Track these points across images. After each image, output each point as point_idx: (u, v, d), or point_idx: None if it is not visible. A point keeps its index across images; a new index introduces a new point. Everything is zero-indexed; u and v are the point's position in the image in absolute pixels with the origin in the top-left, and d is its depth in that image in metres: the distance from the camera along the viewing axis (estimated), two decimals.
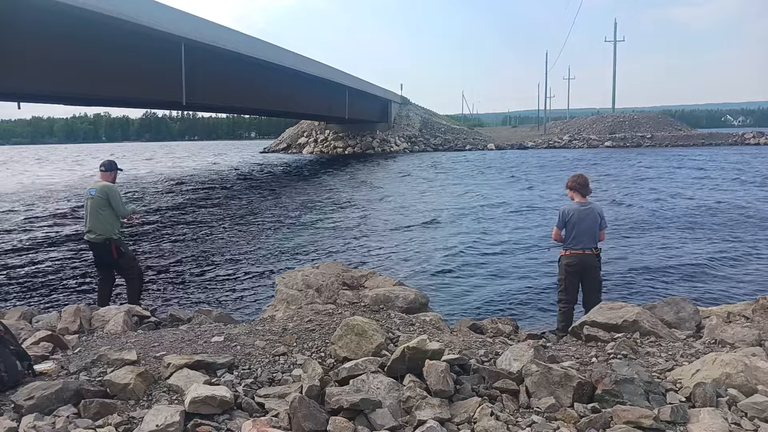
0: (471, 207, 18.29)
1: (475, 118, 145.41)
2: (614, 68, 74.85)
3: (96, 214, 6.59)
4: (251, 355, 3.86)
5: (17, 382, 3.39)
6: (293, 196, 22.24)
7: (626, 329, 4.58)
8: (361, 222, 15.59)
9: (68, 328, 4.93)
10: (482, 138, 66.61)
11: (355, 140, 58.91)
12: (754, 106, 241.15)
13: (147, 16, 19.47)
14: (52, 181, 32.81)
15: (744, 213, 15.49)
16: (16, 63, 16.10)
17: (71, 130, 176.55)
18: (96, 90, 20.00)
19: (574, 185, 5.98)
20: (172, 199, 21.97)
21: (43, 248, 12.49)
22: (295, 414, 2.98)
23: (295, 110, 40.77)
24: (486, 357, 3.89)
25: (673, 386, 3.42)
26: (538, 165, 36.18)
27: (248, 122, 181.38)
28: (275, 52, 30.72)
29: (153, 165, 48.93)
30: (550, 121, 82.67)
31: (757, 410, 3.04)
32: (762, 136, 56.44)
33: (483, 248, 11.81)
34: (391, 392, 3.23)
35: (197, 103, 27.26)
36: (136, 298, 6.93)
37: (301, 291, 5.73)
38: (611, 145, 57.27)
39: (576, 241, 5.80)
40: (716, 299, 7.87)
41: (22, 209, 19.58)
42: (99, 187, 6.76)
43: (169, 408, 3.02)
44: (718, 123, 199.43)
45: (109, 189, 6.80)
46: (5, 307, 6.79)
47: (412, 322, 4.72)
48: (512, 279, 9.31)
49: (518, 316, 7.14)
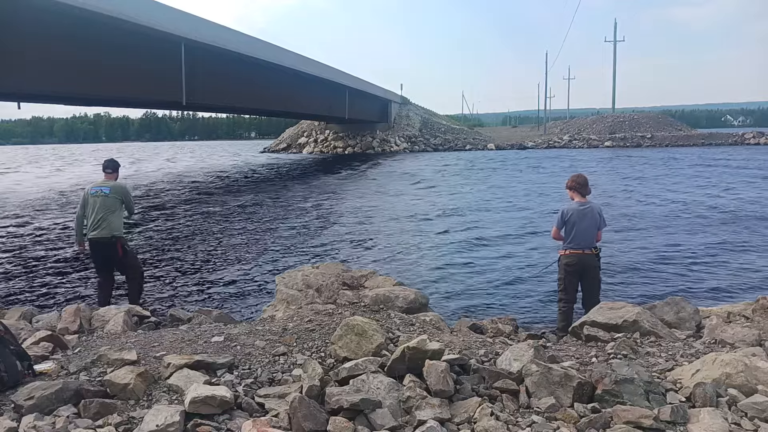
0: (471, 207, 18.29)
1: (475, 118, 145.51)
2: (614, 68, 74.95)
3: (106, 213, 6.59)
4: (251, 355, 3.86)
5: (17, 382, 3.39)
6: (293, 196, 22.24)
7: (626, 329, 4.58)
8: (361, 222, 15.60)
9: (68, 328, 4.94)
10: (482, 138, 66.62)
11: (355, 140, 58.92)
12: (754, 106, 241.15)
13: (147, 16, 19.48)
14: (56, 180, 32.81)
15: (744, 212, 15.48)
16: (16, 63, 16.10)
17: (71, 130, 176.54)
18: (96, 90, 20.01)
19: (574, 185, 6.00)
20: (171, 200, 21.98)
21: (43, 248, 12.48)
22: (295, 414, 2.98)
23: (295, 110, 40.78)
24: (486, 357, 3.89)
25: (673, 386, 3.42)
26: (540, 165, 36.17)
27: (248, 122, 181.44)
28: (275, 52, 30.72)
29: (180, 164, 49.12)
30: (550, 121, 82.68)
31: (757, 410, 3.04)
32: (762, 136, 56.46)
33: (483, 248, 11.81)
34: (391, 392, 3.23)
35: (197, 103, 27.27)
36: (137, 297, 6.93)
37: (301, 291, 5.73)
38: (611, 145, 57.29)
39: (575, 241, 5.81)
40: (716, 299, 7.87)
41: (22, 209, 19.58)
42: (112, 186, 6.75)
43: (169, 408, 3.02)
44: (718, 123, 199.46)
45: (124, 189, 6.84)
46: (5, 307, 6.78)
47: (412, 322, 4.72)
48: (512, 279, 9.30)
49: (518, 316, 7.13)
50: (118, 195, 6.69)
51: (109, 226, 6.57)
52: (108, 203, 6.61)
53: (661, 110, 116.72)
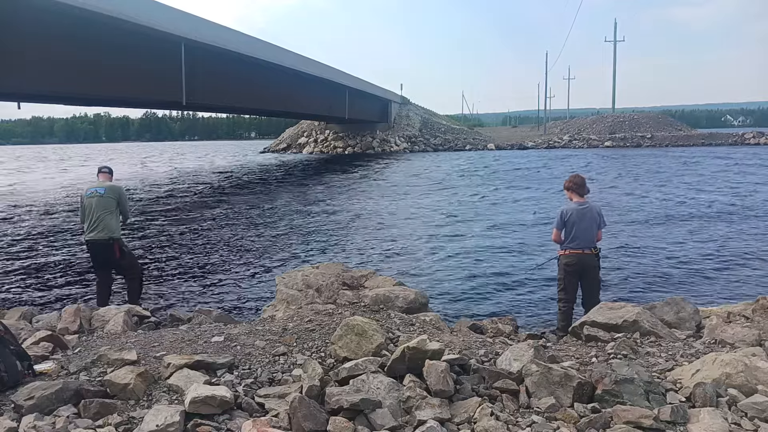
0: (472, 207, 18.29)
1: (475, 118, 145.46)
2: (614, 68, 74.91)
3: (102, 213, 6.57)
4: (251, 355, 3.86)
5: (17, 382, 3.39)
6: (293, 196, 22.23)
7: (626, 329, 4.58)
8: (361, 222, 15.60)
9: (68, 328, 4.94)
10: (482, 138, 66.61)
11: (355, 140, 58.91)
12: (754, 106, 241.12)
13: (147, 16, 19.47)
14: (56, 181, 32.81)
15: (744, 212, 15.48)
16: (16, 63, 16.10)
17: (71, 130, 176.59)
18: (96, 90, 20.01)
19: (571, 186, 6.04)
20: (172, 199, 21.97)
21: (43, 248, 12.49)
22: (295, 414, 2.98)
23: (295, 110, 40.77)
24: (486, 357, 3.89)
25: (673, 386, 3.42)
26: (542, 166, 36.15)
27: (248, 122, 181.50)
28: (275, 52, 30.73)
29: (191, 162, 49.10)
30: (550, 121, 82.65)
31: (757, 410, 3.05)
32: (762, 136, 56.46)
33: (483, 248, 11.81)
34: (391, 392, 3.23)
35: (197, 103, 27.27)
36: (137, 298, 6.93)
37: (301, 291, 5.73)
38: (611, 145, 57.26)
39: (575, 241, 5.82)
40: (716, 299, 7.87)
41: (22, 209, 19.57)
42: (108, 186, 6.74)
43: (169, 408, 3.02)
44: (718, 123, 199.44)
45: (120, 190, 6.82)
46: (5, 307, 6.78)
47: (412, 322, 4.72)
48: (512, 279, 9.30)
49: (518, 316, 7.13)
50: (113, 195, 6.68)
51: (106, 227, 6.57)
52: (104, 203, 6.60)
53: (661, 110, 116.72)
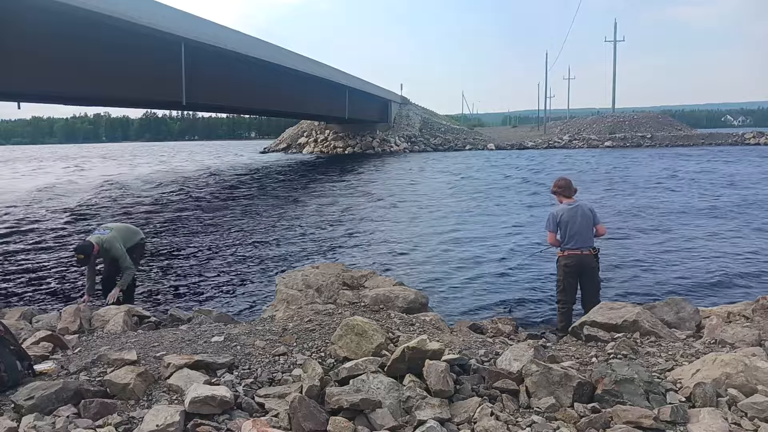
0: (472, 208, 18.29)
1: (475, 117, 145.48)
2: (614, 68, 74.85)
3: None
4: (251, 355, 3.86)
5: (17, 382, 3.39)
6: (293, 197, 22.23)
7: (626, 329, 4.59)
8: (361, 222, 15.60)
9: (68, 328, 4.94)
10: (482, 138, 66.61)
11: (355, 140, 58.89)
12: (754, 106, 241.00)
13: (147, 16, 19.46)
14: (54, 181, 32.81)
15: (745, 212, 15.48)
16: (16, 63, 16.09)
17: (71, 130, 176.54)
18: (96, 90, 20.00)
19: (558, 189, 6.17)
20: (171, 200, 21.97)
21: (43, 248, 12.49)
22: (295, 414, 2.98)
23: (295, 110, 40.76)
24: (486, 357, 3.89)
25: (673, 386, 3.42)
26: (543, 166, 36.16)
27: (248, 122, 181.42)
28: (275, 52, 30.72)
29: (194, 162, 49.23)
30: (550, 121, 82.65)
31: (757, 410, 3.05)
32: (762, 136, 56.48)
33: (483, 248, 11.80)
34: (391, 392, 3.23)
35: (197, 103, 27.25)
36: (131, 294, 7.02)
37: (301, 291, 5.73)
38: (611, 145, 57.24)
39: (572, 241, 5.84)
40: (716, 299, 7.87)
41: (21, 209, 19.58)
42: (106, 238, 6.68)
43: (169, 408, 3.02)
44: (718, 123, 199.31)
45: (111, 244, 6.66)
46: (5, 307, 6.78)
47: (412, 322, 4.72)
48: (512, 279, 9.31)
49: (518, 316, 7.13)
50: (108, 246, 6.62)
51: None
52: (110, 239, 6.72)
53: (661, 110, 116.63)
